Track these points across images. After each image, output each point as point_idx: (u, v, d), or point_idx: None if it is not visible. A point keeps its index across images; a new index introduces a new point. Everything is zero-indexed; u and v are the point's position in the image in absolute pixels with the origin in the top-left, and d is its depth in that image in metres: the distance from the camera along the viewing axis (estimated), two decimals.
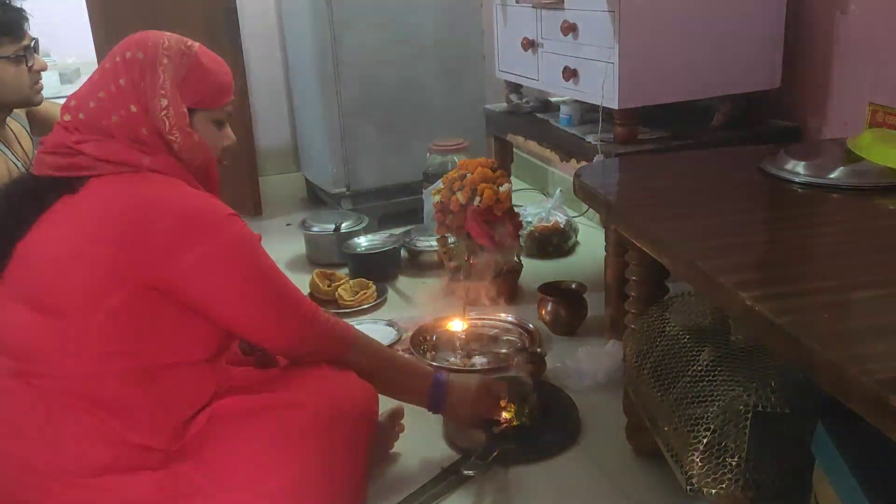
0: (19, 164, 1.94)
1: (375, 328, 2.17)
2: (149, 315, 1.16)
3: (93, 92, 1.24)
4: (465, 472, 1.50)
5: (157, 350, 1.18)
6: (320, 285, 2.36)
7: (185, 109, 1.24)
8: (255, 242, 1.25)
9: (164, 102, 1.21)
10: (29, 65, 1.90)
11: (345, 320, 1.48)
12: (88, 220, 1.16)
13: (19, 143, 2.02)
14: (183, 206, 1.18)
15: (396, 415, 1.61)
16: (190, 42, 1.28)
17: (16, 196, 1.23)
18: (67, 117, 1.23)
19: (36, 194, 1.20)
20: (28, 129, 2.11)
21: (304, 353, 1.34)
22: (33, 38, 1.92)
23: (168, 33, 1.28)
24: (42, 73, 1.97)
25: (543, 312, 2.10)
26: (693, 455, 1.15)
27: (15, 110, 2.01)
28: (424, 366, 1.46)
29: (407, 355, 1.41)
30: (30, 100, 1.96)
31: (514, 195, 2.27)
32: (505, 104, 2.40)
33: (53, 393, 1.14)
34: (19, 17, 1.87)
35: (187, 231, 1.16)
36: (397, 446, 1.62)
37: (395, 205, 2.97)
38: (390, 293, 2.42)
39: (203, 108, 1.28)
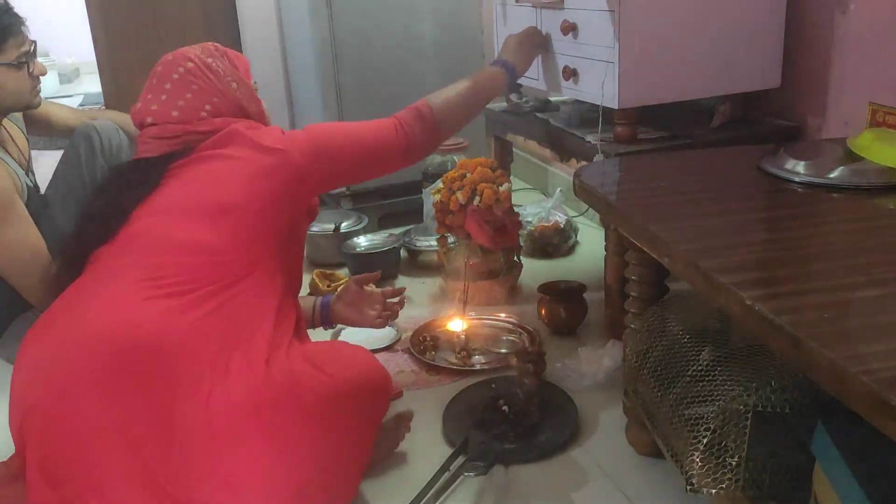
0: (13, 165, 1.93)
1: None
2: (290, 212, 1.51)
3: (168, 108, 1.51)
4: (465, 472, 1.50)
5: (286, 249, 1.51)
6: (320, 285, 2.36)
7: (250, 83, 1.59)
8: None
9: (234, 86, 1.55)
10: (30, 70, 1.90)
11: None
12: (219, 164, 1.46)
13: (15, 144, 2.02)
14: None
15: (403, 417, 1.63)
16: (207, 43, 1.61)
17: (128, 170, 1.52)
18: (154, 126, 1.52)
19: (153, 164, 1.48)
20: (24, 131, 2.10)
21: None
22: (33, 42, 1.91)
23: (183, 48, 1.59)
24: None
25: (543, 312, 2.10)
26: (693, 455, 1.15)
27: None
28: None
29: None
30: (29, 104, 1.96)
31: (514, 195, 2.27)
32: (505, 104, 2.40)
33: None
34: (18, 21, 1.86)
35: (289, 134, 1.52)
36: (399, 446, 1.62)
37: (395, 205, 2.97)
38: None
39: (249, 79, 1.61)
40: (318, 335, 1.92)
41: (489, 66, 1.86)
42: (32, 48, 1.90)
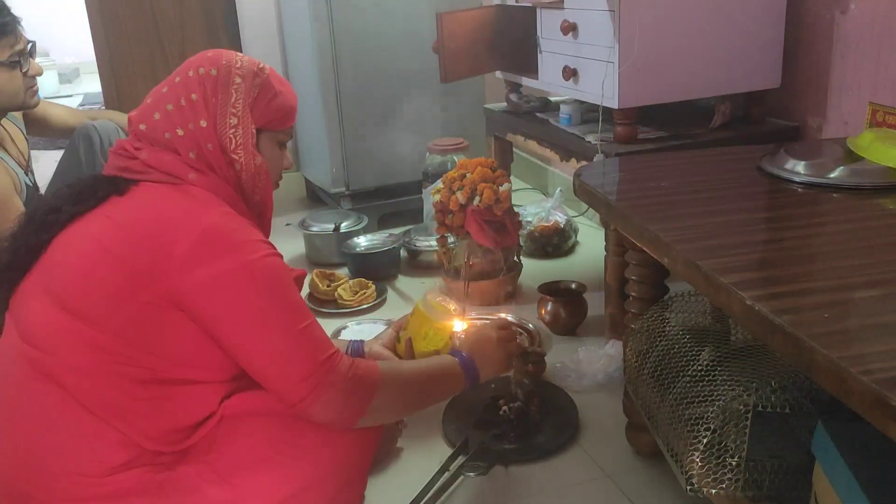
0: (12, 164, 1.93)
1: (375, 328, 2.17)
2: (163, 329, 1.14)
3: (159, 104, 1.25)
4: (465, 472, 1.50)
5: (168, 366, 1.16)
6: (320, 285, 2.35)
7: (254, 130, 1.27)
8: (281, 273, 1.19)
9: (234, 121, 1.24)
10: (24, 70, 1.89)
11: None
12: (119, 224, 1.16)
13: (14, 143, 2.02)
14: (211, 223, 1.15)
15: None
16: (262, 64, 1.30)
17: (68, 190, 1.24)
18: (130, 127, 1.27)
19: (88, 191, 1.21)
20: (24, 131, 2.11)
21: (320, 404, 1.18)
22: (30, 42, 1.91)
23: (239, 53, 1.30)
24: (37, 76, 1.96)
25: (543, 312, 2.10)
26: (693, 455, 1.15)
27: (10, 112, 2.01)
28: (445, 359, 1.43)
29: (426, 359, 1.37)
30: (25, 104, 1.96)
31: (514, 195, 2.27)
32: (505, 104, 2.40)
33: (66, 389, 1.14)
34: (14, 21, 1.86)
35: (208, 246, 1.13)
36: (398, 444, 1.62)
37: (395, 205, 2.97)
38: (390, 293, 2.42)
39: (270, 130, 1.30)
40: None
41: (448, 355, 1.45)
42: (29, 48, 1.90)
